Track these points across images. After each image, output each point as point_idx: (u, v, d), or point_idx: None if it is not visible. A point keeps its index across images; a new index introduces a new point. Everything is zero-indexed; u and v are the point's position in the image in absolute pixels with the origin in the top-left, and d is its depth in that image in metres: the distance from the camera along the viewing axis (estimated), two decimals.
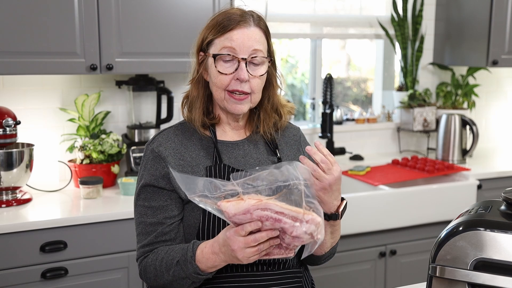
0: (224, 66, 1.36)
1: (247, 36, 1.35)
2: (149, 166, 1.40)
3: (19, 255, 2.04)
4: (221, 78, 1.36)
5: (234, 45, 1.34)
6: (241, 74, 1.34)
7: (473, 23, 3.20)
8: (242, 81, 1.35)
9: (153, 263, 1.36)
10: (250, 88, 1.37)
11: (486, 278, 1.00)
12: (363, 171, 2.88)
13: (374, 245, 2.62)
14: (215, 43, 1.37)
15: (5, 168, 2.21)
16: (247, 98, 1.38)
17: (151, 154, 1.41)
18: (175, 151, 1.40)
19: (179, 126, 1.47)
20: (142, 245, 1.40)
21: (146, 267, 1.38)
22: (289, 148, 1.51)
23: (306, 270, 1.53)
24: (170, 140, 1.42)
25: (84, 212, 2.17)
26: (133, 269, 2.22)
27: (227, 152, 1.43)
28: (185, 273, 1.29)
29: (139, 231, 1.42)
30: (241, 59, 1.34)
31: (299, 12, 3.22)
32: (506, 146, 3.76)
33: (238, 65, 1.35)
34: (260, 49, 1.37)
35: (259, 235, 1.16)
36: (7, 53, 2.19)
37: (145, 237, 1.40)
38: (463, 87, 3.42)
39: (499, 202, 1.12)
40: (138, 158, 2.56)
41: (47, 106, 2.59)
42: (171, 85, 2.77)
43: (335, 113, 3.24)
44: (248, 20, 1.37)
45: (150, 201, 1.39)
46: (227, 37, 1.35)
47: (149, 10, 2.39)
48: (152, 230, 1.38)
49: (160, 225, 1.38)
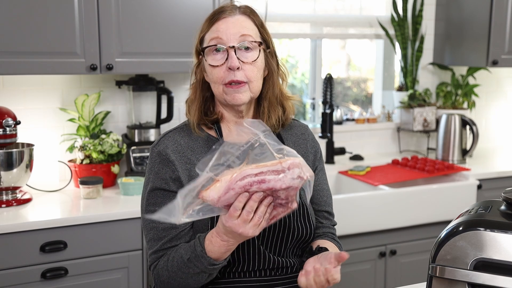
0: (215, 58, 1.33)
1: (232, 23, 1.33)
2: (157, 169, 1.37)
3: (19, 255, 2.04)
4: (214, 71, 1.33)
5: (220, 34, 1.32)
6: (231, 62, 1.31)
7: (473, 23, 3.20)
8: (233, 69, 1.31)
9: (165, 265, 1.32)
10: (245, 77, 1.33)
11: (486, 278, 1.00)
12: (363, 171, 2.88)
13: (374, 245, 2.62)
14: (205, 39, 1.36)
15: (5, 168, 2.21)
16: (244, 86, 1.33)
17: (158, 157, 1.37)
18: (181, 155, 1.37)
19: (184, 128, 1.43)
20: (154, 250, 1.35)
21: (159, 271, 1.33)
22: (298, 148, 1.47)
23: None
24: (176, 143, 1.38)
25: (84, 212, 2.17)
26: (133, 269, 2.22)
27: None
28: (199, 268, 1.25)
29: (150, 237, 1.36)
30: (229, 47, 1.32)
31: (299, 12, 3.22)
32: (506, 146, 3.76)
33: (227, 54, 1.32)
34: (249, 34, 1.33)
35: (248, 205, 1.12)
36: (7, 53, 2.19)
37: (156, 243, 1.35)
38: (463, 87, 3.42)
39: (499, 202, 1.12)
40: (138, 158, 2.56)
41: (47, 106, 2.59)
42: (171, 85, 2.77)
43: (335, 113, 3.25)
44: (234, 10, 1.36)
45: (161, 205, 1.32)
46: (213, 29, 1.34)
47: (149, 10, 2.39)
48: (165, 235, 1.34)
49: (173, 229, 1.34)
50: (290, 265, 1.38)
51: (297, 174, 1.10)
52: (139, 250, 2.22)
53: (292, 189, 1.12)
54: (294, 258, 1.40)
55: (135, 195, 2.37)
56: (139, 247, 2.22)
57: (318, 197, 1.50)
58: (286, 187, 1.11)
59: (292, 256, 1.40)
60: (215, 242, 1.22)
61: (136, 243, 2.21)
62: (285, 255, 1.38)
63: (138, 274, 2.24)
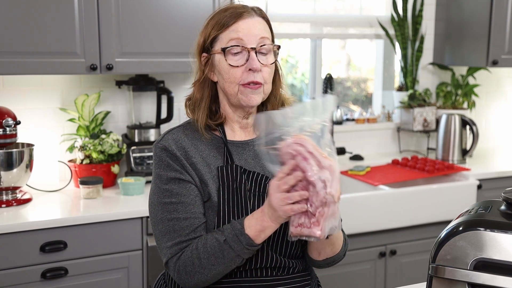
0: (234, 59, 1.33)
1: (252, 25, 1.34)
2: (166, 162, 1.35)
3: (19, 255, 2.04)
4: (233, 71, 1.33)
5: (241, 35, 1.33)
6: (253, 64, 1.32)
7: (473, 23, 3.20)
8: (255, 70, 1.32)
9: (193, 254, 1.28)
10: (263, 78, 1.34)
11: (486, 278, 1.00)
12: (363, 171, 2.88)
13: (374, 245, 2.62)
14: (221, 38, 1.35)
15: (5, 168, 2.21)
16: (260, 87, 1.35)
17: (165, 151, 1.36)
18: (185, 152, 1.36)
19: (187, 126, 1.42)
20: (176, 242, 1.31)
21: (185, 262, 1.29)
22: None
23: (311, 270, 1.51)
24: (180, 139, 1.38)
25: (84, 212, 2.17)
26: (133, 269, 2.22)
27: (237, 153, 1.40)
28: (235, 251, 1.25)
29: (168, 229, 1.32)
30: (250, 48, 1.33)
31: (299, 12, 3.22)
32: (506, 146, 3.76)
33: (248, 55, 1.33)
34: (267, 37, 1.36)
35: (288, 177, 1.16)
36: (7, 53, 2.19)
37: (178, 234, 1.31)
38: (463, 87, 3.42)
39: (499, 202, 1.12)
40: (138, 158, 2.56)
41: (47, 106, 2.59)
42: (171, 85, 2.77)
43: (335, 113, 3.25)
44: (250, 11, 1.36)
45: (178, 196, 1.32)
46: (232, 29, 1.33)
47: (149, 10, 2.39)
48: (188, 226, 1.31)
49: (196, 219, 1.32)
50: (292, 265, 1.38)
51: (324, 178, 1.13)
52: (139, 250, 2.22)
53: (316, 195, 1.14)
54: (296, 259, 1.40)
55: (135, 195, 2.37)
56: (139, 247, 2.22)
57: None
58: (310, 181, 1.13)
59: (294, 257, 1.40)
60: (255, 215, 1.26)
61: (136, 243, 2.22)
62: (288, 256, 1.38)
63: (138, 274, 2.24)
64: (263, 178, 1.37)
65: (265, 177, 1.37)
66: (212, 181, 1.35)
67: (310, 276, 1.46)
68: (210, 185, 1.34)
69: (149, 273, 2.26)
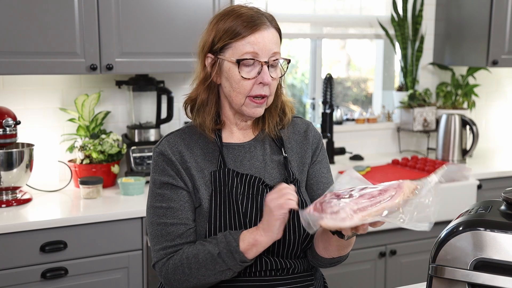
0: (246, 70, 1.33)
1: (267, 39, 1.34)
2: (162, 166, 1.37)
3: (19, 255, 2.04)
4: (243, 83, 1.33)
5: (257, 49, 1.32)
6: (265, 78, 1.33)
7: (473, 23, 3.20)
8: (265, 84, 1.33)
9: (184, 261, 1.30)
10: (269, 91, 1.36)
11: (486, 278, 1.00)
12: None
13: (374, 245, 2.62)
14: (234, 47, 1.33)
15: (5, 168, 2.21)
16: (265, 100, 1.36)
17: (162, 157, 1.38)
18: (181, 156, 1.37)
19: (186, 130, 1.44)
20: (162, 247, 1.34)
21: (174, 267, 1.31)
22: (298, 145, 1.47)
23: (316, 271, 1.50)
24: (177, 144, 1.39)
25: (84, 212, 2.17)
26: (133, 269, 2.22)
27: (233, 155, 1.40)
28: (227, 264, 1.27)
29: (156, 233, 1.35)
30: (263, 62, 1.33)
31: (299, 12, 3.22)
32: (506, 146, 3.76)
33: (260, 69, 1.33)
34: (278, 52, 1.37)
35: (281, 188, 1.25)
36: (7, 53, 2.19)
37: (165, 239, 1.34)
38: (463, 87, 3.42)
39: (499, 202, 1.12)
40: (138, 158, 2.56)
41: (47, 106, 2.59)
42: (171, 85, 2.77)
43: (335, 113, 3.25)
44: (265, 21, 1.35)
45: (169, 200, 1.35)
46: (248, 42, 1.32)
47: (149, 10, 2.39)
48: (174, 231, 1.34)
49: (183, 225, 1.34)
50: (292, 266, 1.38)
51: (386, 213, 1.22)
52: (139, 250, 2.22)
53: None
54: (295, 259, 1.40)
55: (135, 195, 2.37)
56: (139, 247, 2.22)
57: (315, 189, 1.48)
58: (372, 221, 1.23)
59: (294, 258, 1.39)
60: (250, 230, 1.28)
61: (136, 243, 2.21)
62: (287, 256, 1.38)
63: (138, 274, 2.24)
64: (256, 180, 1.37)
65: (259, 179, 1.37)
66: (205, 186, 1.36)
67: (313, 276, 1.45)
68: (202, 191, 1.36)
69: (149, 273, 2.26)
